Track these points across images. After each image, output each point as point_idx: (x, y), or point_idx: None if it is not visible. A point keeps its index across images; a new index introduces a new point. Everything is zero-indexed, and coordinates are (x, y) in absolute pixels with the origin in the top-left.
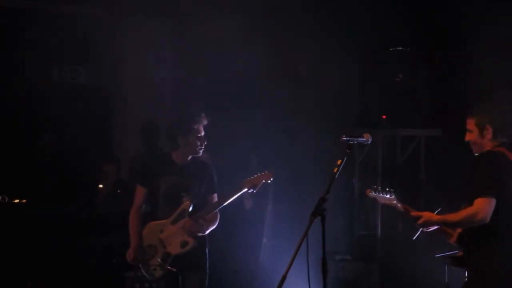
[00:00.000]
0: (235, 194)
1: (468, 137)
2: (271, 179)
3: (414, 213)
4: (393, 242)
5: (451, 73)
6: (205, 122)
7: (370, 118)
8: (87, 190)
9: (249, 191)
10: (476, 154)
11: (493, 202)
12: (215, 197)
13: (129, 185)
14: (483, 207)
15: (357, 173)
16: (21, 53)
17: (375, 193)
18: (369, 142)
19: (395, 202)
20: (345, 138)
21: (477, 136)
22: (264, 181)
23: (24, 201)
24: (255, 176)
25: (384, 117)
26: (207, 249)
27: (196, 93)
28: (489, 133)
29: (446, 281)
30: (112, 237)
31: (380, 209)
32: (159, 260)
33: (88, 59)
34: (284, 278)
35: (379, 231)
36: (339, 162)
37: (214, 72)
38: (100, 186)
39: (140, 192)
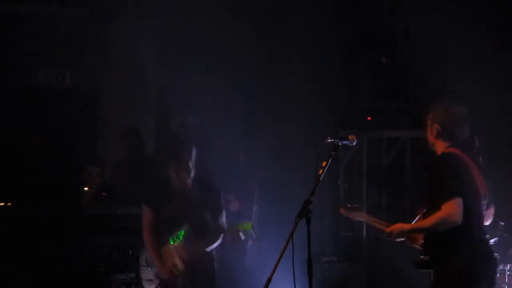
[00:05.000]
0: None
1: (425, 132)
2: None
3: (387, 230)
4: (378, 243)
5: (436, 74)
6: (190, 155)
7: (355, 120)
8: (72, 193)
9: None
10: (434, 158)
11: (461, 202)
12: (221, 219)
13: (114, 187)
14: (454, 209)
15: (342, 174)
16: (6, 56)
17: (348, 211)
18: (354, 144)
19: (369, 218)
20: (330, 140)
21: (429, 133)
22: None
23: (9, 204)
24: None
25: (369, 118)
26: (215, 264)
27: (180, 96)
28: (436, 133)
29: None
30: (99, 240)
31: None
32: (152, 277)
33: (73, 62)
34: (269, 280)
35: (364, 233)
36: (324, 163)
37: (199, 75)
38: (85, 188)
39: (146, 211)
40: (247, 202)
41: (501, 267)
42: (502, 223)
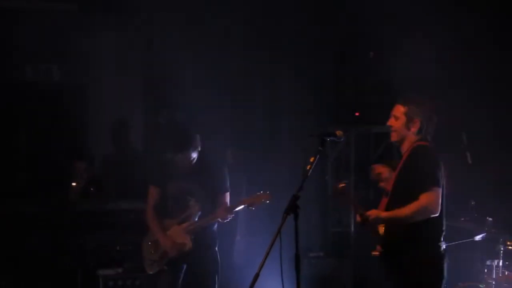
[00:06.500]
0: (234, 210)
1: (391, 122)
2: (268, 200)
3: (364, 214)
4: (366, 239)
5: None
6: (197, 147)
7: (343, 115)
8: (60, 188)
9: (248, 208)
10: (413, 149)
11: (440, 193)
12: (227, 196)
13: (102, 182)
14: (434, 199)
15: (330, 170)
16: None
17: (336, 193)
18: (342, 139)
19: (352, 201)
20: (318, 135)
21: (402, 125)
22: (263, 200)
23: None
24: (256, 194)
25: (357, 114)
26: (216, 248)
27: (169, 91)
28: (415, 127)
29: None
30: (86, 235)
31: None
32: (157, 258)
33: (62, 57)
34: (257, 276)
35: (352, 228)
36: (312, 159)
37: (187, 70)
38: (73, 184)
39: (153, 191)
40: (235, 197)
41: (488, 262)
42: (490, 219)
